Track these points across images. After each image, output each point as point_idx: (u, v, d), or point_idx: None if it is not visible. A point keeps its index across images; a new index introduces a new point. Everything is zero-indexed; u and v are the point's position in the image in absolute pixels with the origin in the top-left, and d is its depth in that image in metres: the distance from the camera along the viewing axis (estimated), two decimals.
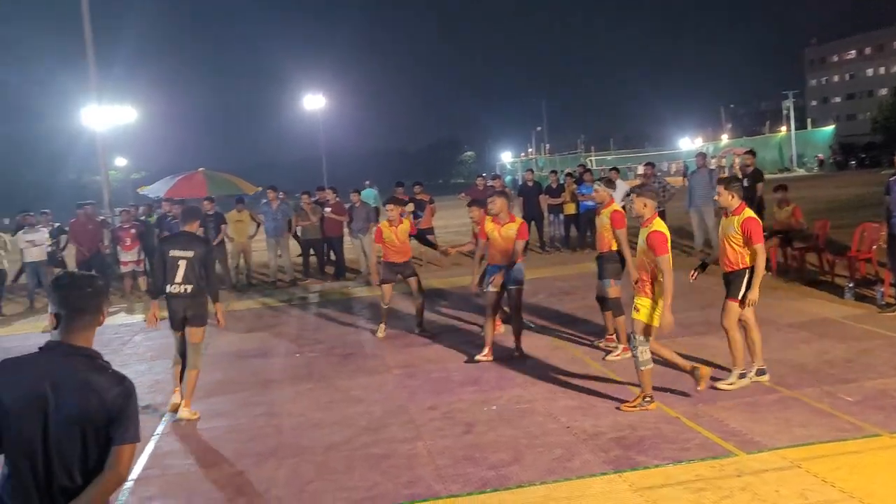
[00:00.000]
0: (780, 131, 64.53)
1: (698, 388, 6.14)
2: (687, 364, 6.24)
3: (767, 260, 11.11)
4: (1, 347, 10.54)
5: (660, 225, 6.11)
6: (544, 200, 16.18)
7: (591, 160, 58.05)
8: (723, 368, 6.77)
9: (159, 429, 6.46)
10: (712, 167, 15.24)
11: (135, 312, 12.69)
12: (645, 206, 6.21)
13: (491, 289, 7.80)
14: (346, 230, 14.82)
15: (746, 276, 6.41)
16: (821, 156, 54.40)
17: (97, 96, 18.71)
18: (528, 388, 6.85)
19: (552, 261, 14.60)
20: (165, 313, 6.86)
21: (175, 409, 6.76)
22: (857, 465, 4.73)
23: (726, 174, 41.87)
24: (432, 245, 11.23)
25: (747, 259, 6.42)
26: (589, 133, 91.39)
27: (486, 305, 7.95)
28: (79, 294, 2.67)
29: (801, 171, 51.25)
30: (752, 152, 13.92)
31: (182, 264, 6.66)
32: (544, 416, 6.05)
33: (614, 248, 7.72)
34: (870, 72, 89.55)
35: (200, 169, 16.96)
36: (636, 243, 6.42)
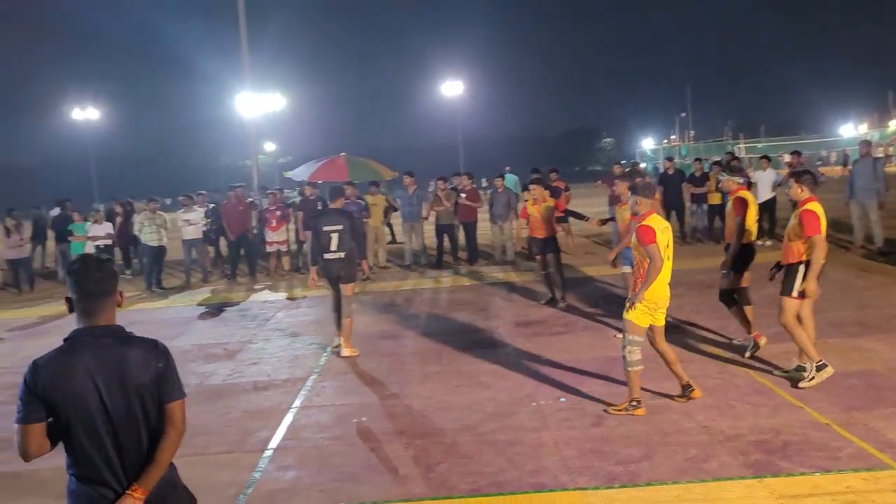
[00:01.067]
0: None
1: (676, 399, 6.07)
2: (685, 377, 6.04)
3: None
4: (159, 319, 11.38)
5: (653, 221, 5.83)
6: (687, 189, 15.55)
7: (739, 148, 55.19)
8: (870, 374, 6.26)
9: (297, 402, 6.76)
10: (878, 156, 14.06)
11: (278, 290, 13.34)
12: (638, 203, 6.01)
13: (625, 270, 7.72)
14: (486, 216, 14.90)
15: (802, 269, 6.27)
16: None
17: (250, 85, 19.74)
18: (663, 383, 6.60)
19: (694, 252, 14.02)
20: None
21: (337, 350, 8.31)
22: None
23: (894, 164, 38.70)
24: (580, 216, 11.03)
25: (804, 252, 6.26)
26: (737, 120, 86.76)
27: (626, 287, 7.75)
28: (91, 279, 2.76)
29: None
30: None
31: (334, 236, 8.12)
32: (679, 414, 5.83)
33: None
34: None
35: (342, 154, 17.51)
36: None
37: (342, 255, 8.15)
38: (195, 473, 5.20)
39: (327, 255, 8.15)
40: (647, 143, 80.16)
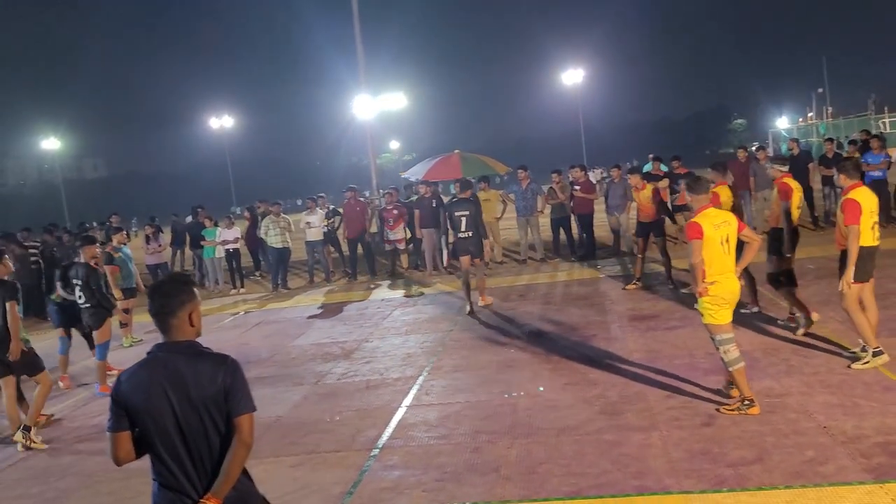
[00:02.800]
0: None
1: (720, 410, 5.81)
2: (747, 389, 5.76)
3: None
4: (284, 318, 11.98)
5: (704, 217, 5.76)
6: (818, 171, 14.66)
7: (884, 122, 51.14)
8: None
9: (407, 401, 6.95)
10: None
11: (396, 288, 13.69)
12: (691, 199, 6.07)
13: None
14: (602, 207, 14.68)
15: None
16: None
17: (365, 87, 20.33)
18: (782, 379, 6.33)
19: (827, 237, 13.20)
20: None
21: (470, 314, 10.25)
22: None
23: None
24: (670, 214, 11.18)
25: (848, 240, 6.27)
26: (882, 91, 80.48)
27: None
28: (158, 299, 2.95)
29: None
30: None
31: (463, 219, 10.47)
32: (797, 413, 5.56)
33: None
34: None
35: (456, 151, 17.70)
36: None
37: (470, 234, 10.49)
38: (304, 472, 5.52)
39: (460, 235, 10.56)
40: (782, 123, 75.83)
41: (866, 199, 6.29)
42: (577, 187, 14.62)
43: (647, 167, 16.58)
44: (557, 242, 15.09)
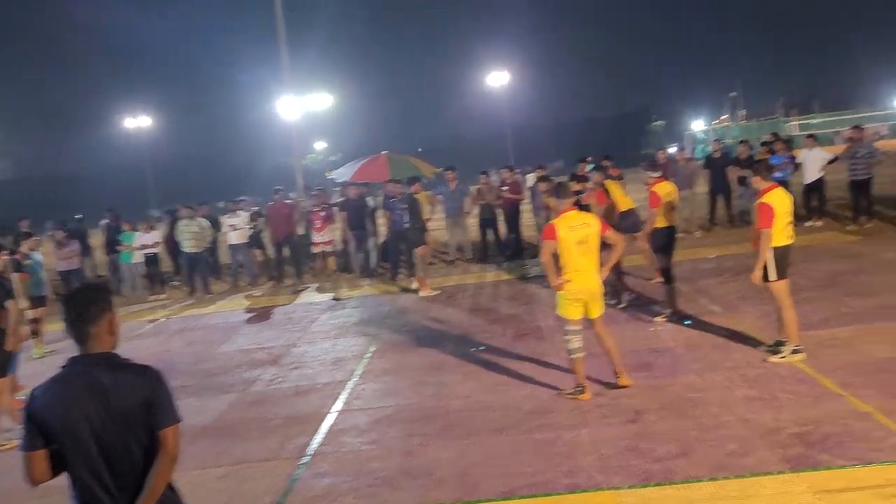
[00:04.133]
0: None
1: (560, 395, 6.36)
2: (582, 377, 6.28)
3: None
4: (206, 325, 11.68)
5: (561, 220, 6.19)
6: (732, 172, 15.21)
7: (793, 125, 53.57)
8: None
9: (337, 406, 6.87)
10: None
11: (324, 292, 13.52)
12: (553, 203, 6.60)
13: None
14: (528, 208, 14.86)
15: (770, 254, 6.55)
16: None
17: (290, 87, 20.02)
18: (704, 374, 6.53)
19: (744, 236, 13.71)
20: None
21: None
22: None
23: None
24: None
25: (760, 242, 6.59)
26: (790, 96, 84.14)
27: None
28: (73, 308, 2.82)
29: None
30: None
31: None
32: (719, 407, 5.74)
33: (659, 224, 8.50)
34: None
35: (383, 152, 17.62)
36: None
37: (408, 226, 11.56)
38: (232, 483, 5.39)
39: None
40: (698, 125, 78.48)
41: (780, 202, 6.55)
42: (505, 188, 14.76)
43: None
44: (485, 243, 15.19)
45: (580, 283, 6.15)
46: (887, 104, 65.38)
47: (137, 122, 58.26)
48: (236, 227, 14.93)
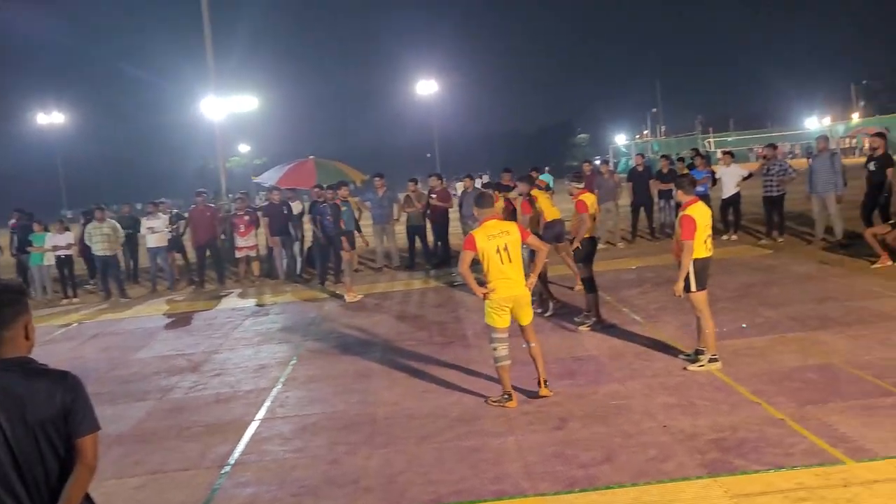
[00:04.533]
0: None
1: (487, 402, 6.38)
2: (508, 385, 6.30)
3: (894, 251, 10.46)
4: (122, 330, 11.28)
5: (482, 228, 6.26)
6: (654, 185, 15.67)
7: (709, 142, 55.72)
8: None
9: (260, 414, 6.71)
10: (836, 150, 14.28)
11: (247, 297, 13.25)
12: (477, 212, 6.51)
13: None
14: (456, 216, 14.92)
15: (691, 266, 6.70)
16: None
17: (214, 88, 19.59)
18: (627, 382, 6.67)
19: (662, 248, 14.13)
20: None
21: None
22: None
23: (857, 156, 39.26)
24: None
25: (682, 253, 6.73)
26: (707, 113, 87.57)
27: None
28: None
29: None
30: (881, 134, 12.88)
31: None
32: (641, 414, 5.87)
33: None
34: None
35: (311, 157, 17.42)
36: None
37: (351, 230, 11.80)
38: (150, 494, 5.19)
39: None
40: (620, 139, 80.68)
41: (701, 215, 6.76)
42: (433, 196, 14.79)
43: (546, 178, 17.21)
44: (413, 250, 15.18)
45: (505, 291, 6.19)
46: (798, 124, 68.66)
47: (50, 118, 55.90)
48: (155, 230, 14.49)
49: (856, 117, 67.67)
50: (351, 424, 6.22)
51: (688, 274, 6.72)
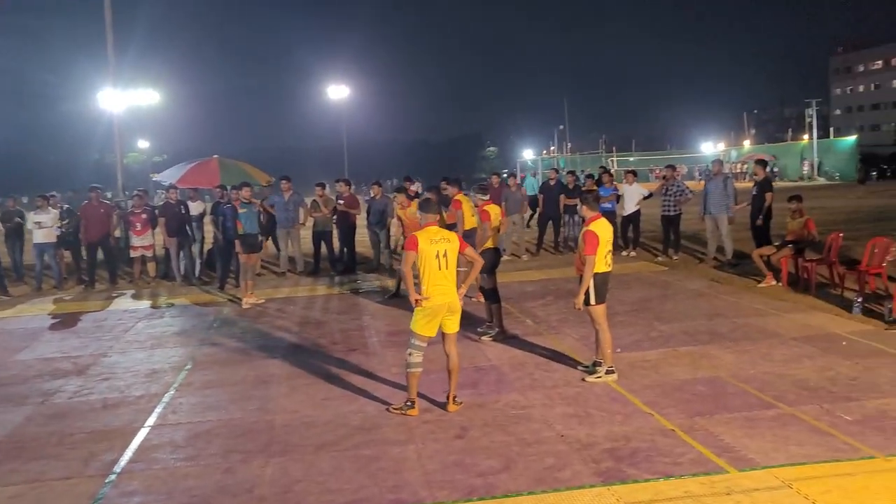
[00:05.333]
0: (802, 139, 63.58)
1: (389, 410, 6.38)
2: (414, 393, 6.31)
3: (778, 271, 11.09)
4: (2, 329, 10.62)
5: (422, 232, 6.28)
6: (561, 200, 16.05)
7: (612, 160, 57.58)
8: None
9: (151, 420, 6.43)
10: (728, 174, 15.03)
11: (141, 299, 12.72)
12: (420, 216, 6.64)
13: None
14: (363, 223, 14.79)
15: (591, 281, 6.88)
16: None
17: (114, 80, 18.77)
18: (527, 392, 6.76)
19: (566, 261, 14.46)
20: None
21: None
22: (849, 488, 4.61)
23: (746, 181, 41.46)
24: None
25: (584, 267, 6.90)
26: (611, 133, 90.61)
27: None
28: None
29: (822, 180, 50.47)
30: (761, 162, 13.69)
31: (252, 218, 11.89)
32: (539, 423, 5.97)
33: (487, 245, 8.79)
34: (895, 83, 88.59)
35: (214, 156, 16.95)
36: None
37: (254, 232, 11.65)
38: None
39: (250, 232, 11.56)
40: (528, 154, 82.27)
41: (604, 231, 6.95)
42: (340, 201, 14.64)
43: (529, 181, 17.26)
44: (318, 256, 14.97)
45: (439, 298, 6.16)
46: (695, 148, 71.94)
47: None
48: (43, 225, 13.73)
49: (747, 144, 71.54)
50: (247, 432, 6.05)
51: (588, 287, 6.89)
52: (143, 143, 76.49)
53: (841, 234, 10.94)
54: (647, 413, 6.08)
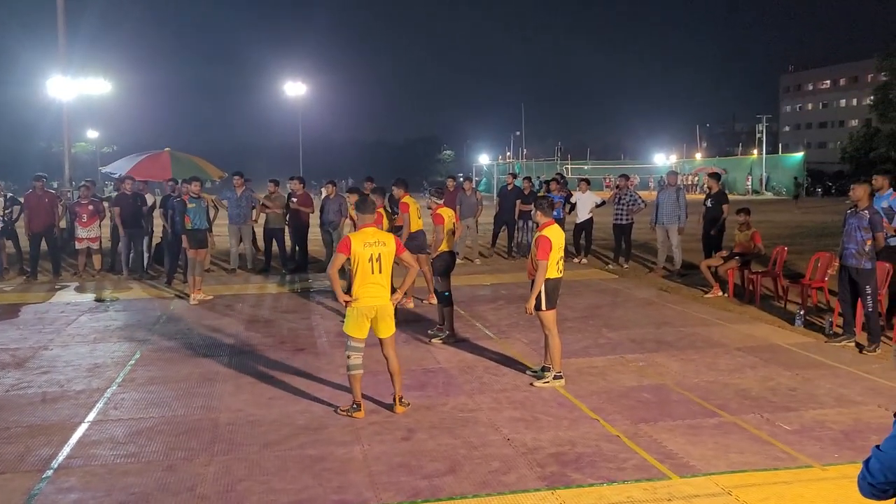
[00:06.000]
0: (752, 154, 65.24)
1: (337, 412, 6.32)
2: (358, 395, 6.28)
3: (724, 282, 11.34)
4: None
5: (356, 234, 6.27)
6: (517, 206, 16.17)
7: (567, 168, 58.27)
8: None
9: (91, 416, 6.27)
10: (680, 185, 15.33)
11: (85, 292, 12.41)
12: (357, 217, 6.51)
13: None
14: (316, 222, 14.67)
15: (542, 286, 6.90)
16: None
17: (64, 67, 18.28)
18: (475, 396, 6.78)
19: (518, 266, 14.57)
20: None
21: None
22: (786, 496, 4.72)
23: (698, 192, 42.28)
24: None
25: (536, 272, 6.95)
26: (566, 141, 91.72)
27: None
28: None
29: (769, 195, 51.86)
30: (715, 175, 13.99)
31: (200, 213, 11.52)
32: (486, 427, 5.99)
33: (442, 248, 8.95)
34: (843, 102, 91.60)
35: (167, 149, 16.67)
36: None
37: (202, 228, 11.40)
38: None
39: (199, 227, 11.32)
40: (484, 159, 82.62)
41: (556, 237, 7.02)
42: (293, 199, 14.50)
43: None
44: (269, 253, 14.80)
45: (369, 301, 6.13)
46: (648, 158, 73.23)
47: None
48: None
49: (699, 156, 73.11)
50: (191, 430, 5.94)
51: (539, 293, 6.95)
52: (92, 133, 74.69)
53: (786, 248, 11.25)
54: (593, 419, 6.15)
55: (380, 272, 6.14)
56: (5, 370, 7.66)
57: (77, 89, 21.34)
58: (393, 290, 6.39)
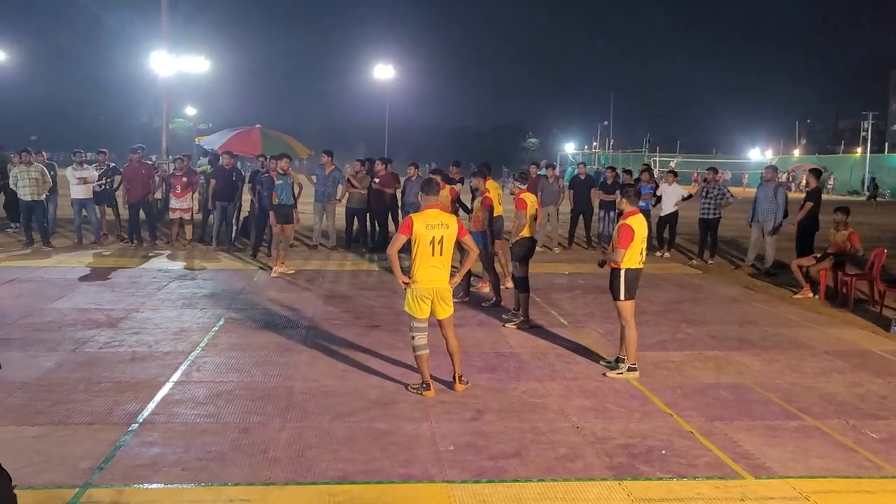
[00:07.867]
0: (855, 153, 62.04)
1: (407, 388, 6.36)
2: (426, 375, 6.28)
3: (816, 283, 10.86)
4: (41, 278, 10.89)
5: (419, 216, 6.19)
6: (595, 195, 15.91)
7: (655, 160, 56.91)
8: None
9: (175, 376, 6.56)
10: (781, 182, 14.72)
11: (176, 259, 12.94)
12: (421, 198, 6.49)
13: None
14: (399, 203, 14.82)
15: (622, 275, 6.81)
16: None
17: (167, 44, 19.01)
18: (545, 382, 6.74)
19: (598, 257, 14.34)
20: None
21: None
22: None
23: (793, 191, 40.57)
24: (465, 208, 12.24)
25: (622, 260, 6.80)
26: (655, 133, 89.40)
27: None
28: None
29: (863, 198, 49.16)
30: (815, 171, 13.36)
31: (287, 189, 11.91)
32: (555, 413, 5.95)
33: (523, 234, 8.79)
34: None
35: (257, 126, 17.13)
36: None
37: (291, 203, 11.79)
38: (49, 445, 5.03)
39: (284, 203, 11.62)
40: (569, 148, 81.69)
41: (640, 227, 6.86)
42: (376, 180, 14.68)
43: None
44: (350, 232, 15.06)
45: (427, 283, 6.13)
46: (742, 154, 70.71)
47: None
48: (86, 181, 14.01)
49: (797, 153, 70.10)
50: (266, 396, 6.13)
51: (619, 282, 6.82)
52: (190, 110, 77.55)
53: (885, 251, 10.68)
54: (666, 413, 6.02)
55: (441, 254, 6.12)
56: (100, 329, 8.08)
57: (177, 67, 22.15)
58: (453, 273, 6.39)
